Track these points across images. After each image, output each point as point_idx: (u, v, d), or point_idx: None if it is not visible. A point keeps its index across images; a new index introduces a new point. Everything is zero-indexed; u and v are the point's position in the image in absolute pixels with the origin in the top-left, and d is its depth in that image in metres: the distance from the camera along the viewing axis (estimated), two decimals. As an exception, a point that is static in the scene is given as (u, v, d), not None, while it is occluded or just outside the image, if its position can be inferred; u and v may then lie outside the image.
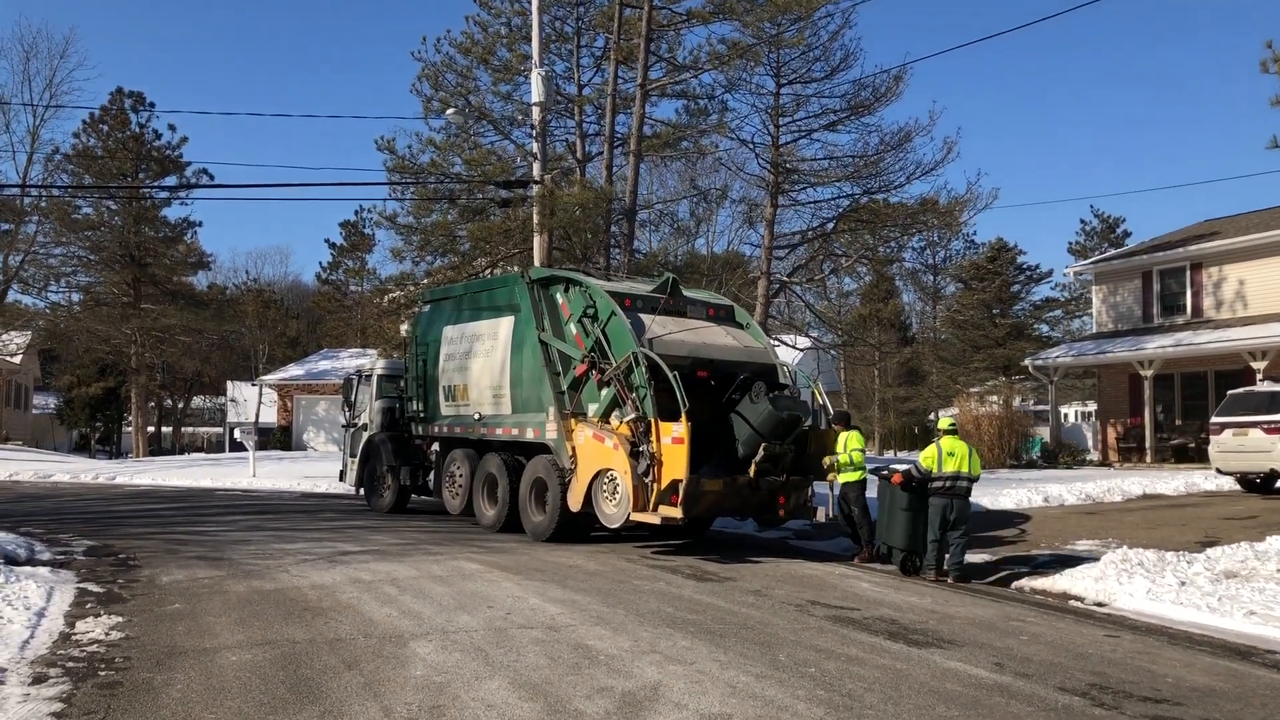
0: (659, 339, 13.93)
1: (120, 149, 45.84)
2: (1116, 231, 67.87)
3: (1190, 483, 20.41)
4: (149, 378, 52.08)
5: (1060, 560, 12.47)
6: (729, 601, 10.07)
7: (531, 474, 14.96)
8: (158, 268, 48.49)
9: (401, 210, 27.70)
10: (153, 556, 12.97)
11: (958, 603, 10.34)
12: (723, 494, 13.46)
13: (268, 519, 18.26)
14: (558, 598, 10.08)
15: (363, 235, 72.93)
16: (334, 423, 47.81)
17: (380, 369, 20.50)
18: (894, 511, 12.25)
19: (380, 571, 11.65)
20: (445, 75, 28.11)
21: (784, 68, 27.03)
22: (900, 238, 29.60)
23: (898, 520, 12.20)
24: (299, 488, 27.43)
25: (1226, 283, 28.47)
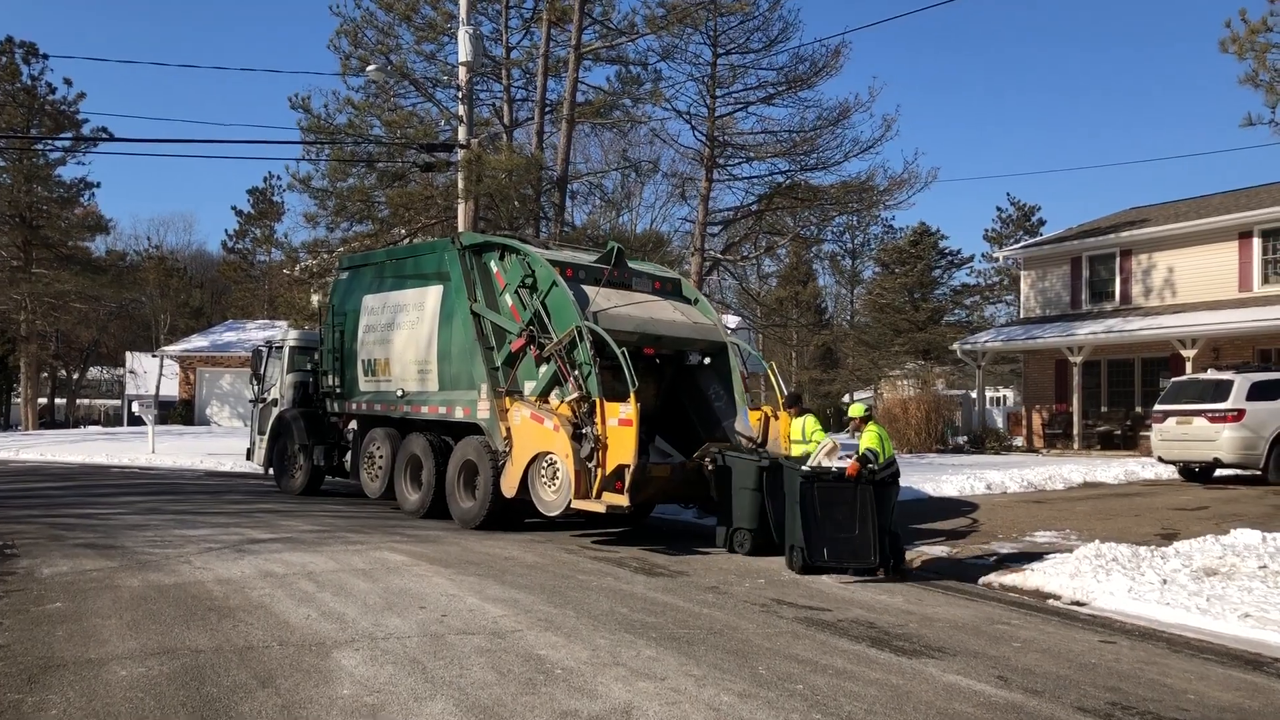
0: (604, 312, 12.93)
1: (10, 102, 42.94)
2: (1032, 220, 68.65)
3: (1129, 471, 20.16)
4: (40, 346, 49.20)
5: (1026, 554, 11.83)
6: (687, 600, 9.15)
7: (460, 456, 13.86)
8: (51, 230, 45.69)
9: (316, 173, 26.12)
10: (34, 544, 11.60)
11: (932, 602, 9.57)
12: (670, 480, 12.58)
13: (167, 500, 16.83)
14: (497, 596, 9.06)
15: (271, 203, 70.55)
16: (240, 397, 45.82)
17: (292, 340, 19.11)
18: (793, 504, 10.92)
19: (294, 563, 10.49)
20: (365, 31, 26.51)
21: (722, 37, 26.12)
22: (837, 217, 29.01)
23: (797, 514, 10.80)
24: (202, 465, 25.83)
25: (1156, 270, 28.46)
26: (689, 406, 14.16)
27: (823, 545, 10.65)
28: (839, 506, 10.78)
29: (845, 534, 10.68)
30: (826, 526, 10.69)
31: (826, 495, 10.78)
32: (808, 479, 10.83)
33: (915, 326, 49.22)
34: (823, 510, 10.73)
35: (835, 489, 10.83)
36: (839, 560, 10.65)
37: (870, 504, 10.76)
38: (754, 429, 12.99)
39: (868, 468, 10.87)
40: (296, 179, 25.72)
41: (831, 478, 10.91)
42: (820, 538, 10.67)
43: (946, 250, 52.66)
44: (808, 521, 10.68)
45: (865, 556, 10.68)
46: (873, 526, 10.72)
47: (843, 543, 10.67)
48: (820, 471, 11.03)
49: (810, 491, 10.77)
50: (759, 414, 13.07)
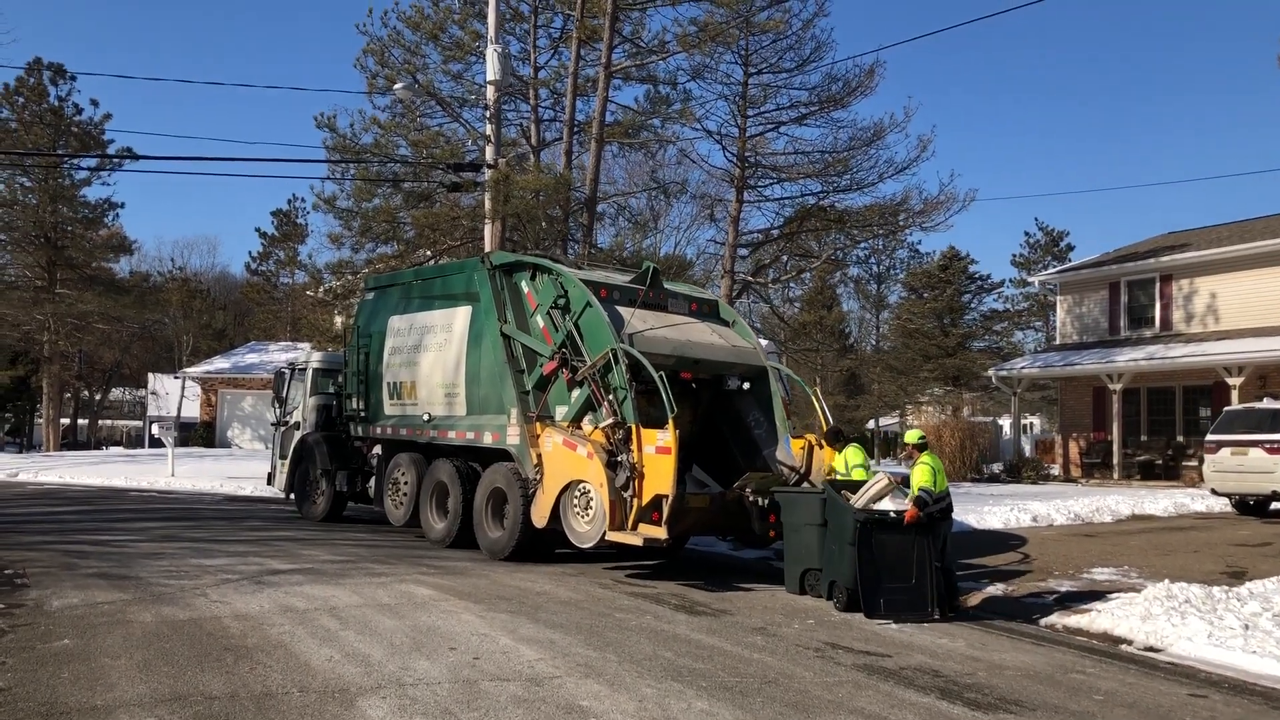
0: (639, 335, 12.37)
1: (37, 122, 42.92)
2: (1060, 245, 67.77)
3: (1178, 503, 19.39)
4: (63, 367, 49.07)
5: (1087, 593, 11.14)
6: (734, 643, 8.54)
7: (489, 484, 13.29)
8: (75, 250, 45.59)
9: (342, 193, 25.77)
10: (46, 573, 11.09)
11: (996, 646, 8.93)
12: (709, 511, 11.95)
13: (185, 527, 16.32)
14: (532, 636, 8.47)
15: (295, 225, 70.46)
16: (261, 419, 45.43)
17: (316, 362, 18.61)
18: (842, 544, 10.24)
19: (316, 597, 9.94)
20: (391, 51, 26.24)
21: (753, 56, 25.69)
22: (873, 239, 28.44)
23: (846, 554, 10.16)
24: (222, 489, 25.35)
25: (1198, 295, 27.70)
26: (727, 434, 13.56)
27: (879, 598, 9.94)
28: (897, 554, 10.10)
29: (902, 583, 10.01)
30: (884, 577, 10.00)
31: (883, 543, 10.08)
32: (865, 524, 10.07)
33: (944, 352, 48.40)
34: (879, 559, 10.04)
35: (893, 537, 10.10)
36: (896, 613, 9.93)
37: (929, 552, 10.08)
38: (797, 458, 12.37)
39: (925, 511, 10.18)
40: (321, 199, 25.40)
41: (890, 523, 10.17)
42: (877, 589, 9.96)
43: (976, 275, 51.93)
44: (864, 572, 9.97)
45: (922, 608, 9.99)
46: (930, 575, 10.05)
47: (900, 594, 9.99)
48: (879, 516, 10.24)
49: (868, 538, 10.05)
50: (802, 442, 12.46)
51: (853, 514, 10.22)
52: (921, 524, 10.12)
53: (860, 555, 9.98)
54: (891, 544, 10.10)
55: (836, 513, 10.49)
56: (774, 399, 13.15)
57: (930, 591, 10.05)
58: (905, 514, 10.15)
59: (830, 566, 10.48)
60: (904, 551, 10.10)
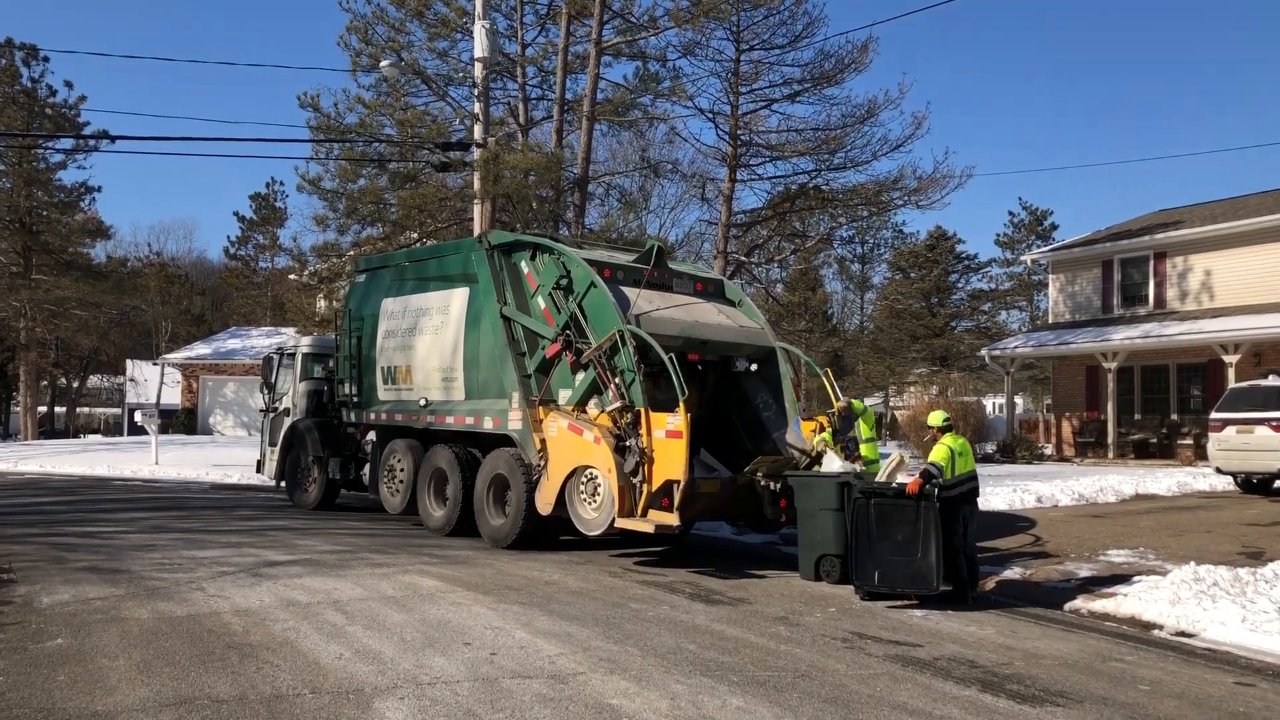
0: (646, 315, 12.01)
1: (9, 105, 42.01)
2: (1044, 224, 67.66)
3: (1181, 482, 19.20)
4: (40, 354, 48.22)
5: (1109, 577, 10.88)
6: (758, 634, 8.22)
7: (490, 470, 12.92)
8: (51, 235, 44.72)
9: (326, 174, 25.21)
10: (33, 568, 10.67)
11: (1026, 634, 8.65)
12: (719, 496, 11.62)
13: (175, 517, 15.88)
14: (548, 629, 8.13)
15: (274, 209, 69.70)
16: (243, 405, 44.86)
17: (306, 347, 18.14)
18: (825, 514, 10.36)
19: (318, 590, 9.57)
20: (375, 28, 25.66)
21: (745, 32, 25.25)
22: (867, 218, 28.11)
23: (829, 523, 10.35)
24: (208, 477, 24.87)
25: (1192, 273, 27.54)
26: (734, 416, 13.24)
27: (874, 568, 9.75)
28: (899, 527, 9.80)
29: (904, 557, 9.72)
30: (882, 548, 9.77)
31: (884, 514, 9.83)
32: (864, 495, 9.92)
33: (932, 332, 48.22)
34: (879, 531, 9.80)
35: (894, 507, 9.83)
36: (892, 585, 9.73)
37: (934, 525, 9.72)
38: (808, 441, 12.05)
39: (931, 484, 9.86)
40: (306, 180, 24.83)
41: (891, 494, 9.93)
42: (871, 560, 9.78)
43: (963, 254, 51.71)
44: (859, 542, 9.81)
45: (926, 582, 9.64)
46: (936, 549, 9.69)
47: (899, 566, 9.72)
48: (878, 488, 10.10)
49: (865, 509, 9.85)
50: (813, 424, 12.13)
51: (855, 489, 10.08)
52: (926, 497, 9.76)
53: (856, 523, 9.81)
54: (894, 515, 9.81)
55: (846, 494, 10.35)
56: (783, 380, 12.82)
57: (936, 567, 9.66)
58: (908, 485, 9.85)
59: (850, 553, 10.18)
60: (908, 524, 9.77)
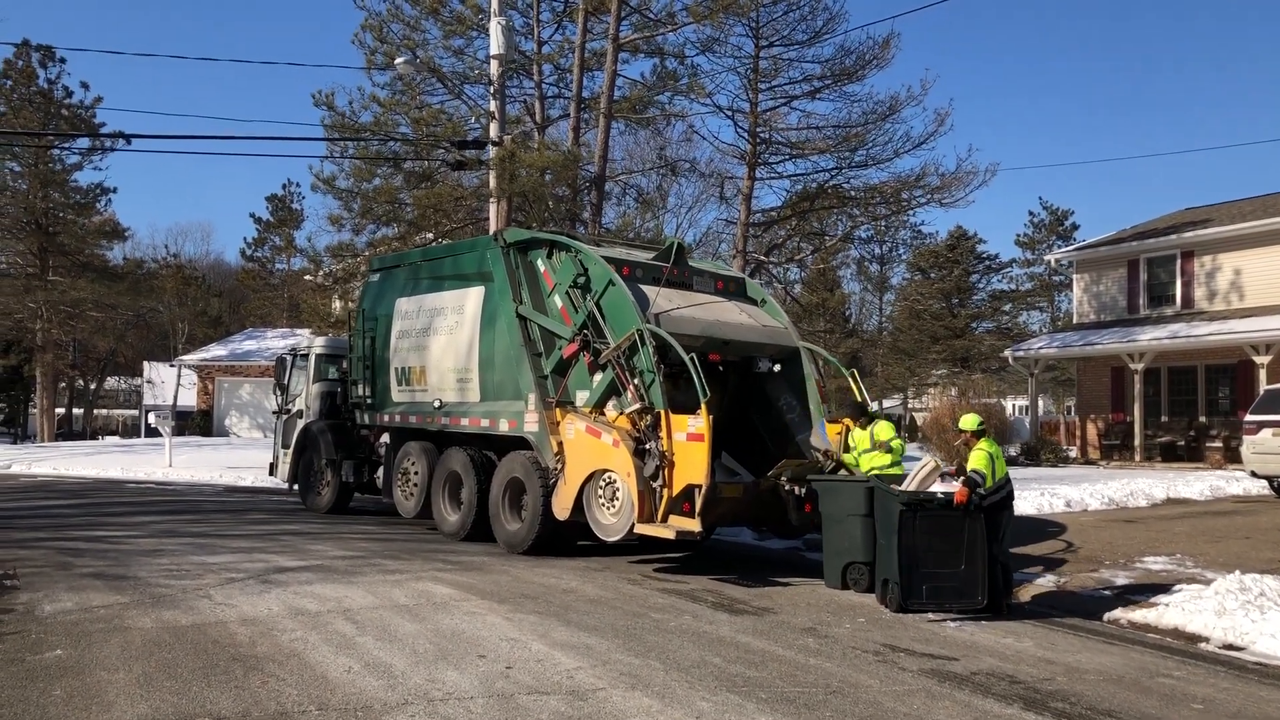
0: (666, 314, 11.66)
1: (26, 106, 42.00)
2: (1065, 224, 66.99)
3: (1214, 486, 18.72)
4: (57, 356, 48.22)
5: (1147, 586, 10.48)
6: (785, 646, 7.86)
7: (506, 473, 12.59)
8: (67, 237, 44.68)
9: (341, 174, 24.95)
10: (38, 574, 10.39)
11: (1065, 646, 8.26)
12: (741, 501, 11.26)
13: (185, 521, 15.62)
14: (566, 641, 7.79)
15: (290, 210, 69.69)
16: (259, 407, 44.71)
17: (319, 348, 17.87)
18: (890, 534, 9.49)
19: (328, 598, 9.25)
20: (390, 26, 25.38)
21: (764, 28, 24.87)
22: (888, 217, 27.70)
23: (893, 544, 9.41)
24: (221, 480, 24.64)
25: (1221, 272, 26.99)
26: (756, 419, 12.87)
27: (921, 584, 9.30)
28: (943, 539, 9.38)
29: (949, 570, 9.33)
30: (928, 562, 9.33)
31: (929, 526, 9.38)
32: (909, 506, 9.40)
33: (952, 333, 47.67)
34: (924, 544, 9.34)
35: (940, 519, 9.40)
36: (939, 600, 9.33)
37: (981, 536, 9.39)
38: (833, 443, 11.68)
39: (976, 493, 9.46)
40: (320, 179, 24.57)
41: (936, 506, 9.48)
42: (919, 576, 9.31)
43: (984, 255, 51.11)
44: (905, 556, 9.30)
45: (971, 596, 9.32)
46: (982, 561, 9.36)
47: (945, 579, 9.32)
48: (923, 498, 9.58)
49: (910, 522, 9.37)
50: (838, 426, 11.76)
51: (895, 498, 9.54)
52: (973, 508, 9.40)
53: (900, 540, 9.30)
54: (939, 527, 9.40)
55: (881, 501, 9.81)
56: (807, 381, 12.44)
57: (981, 579, 9.34)
58: (955, 495, 9.43)
59: (880, 562, 9.75)
60: (953, 536, 9.38)
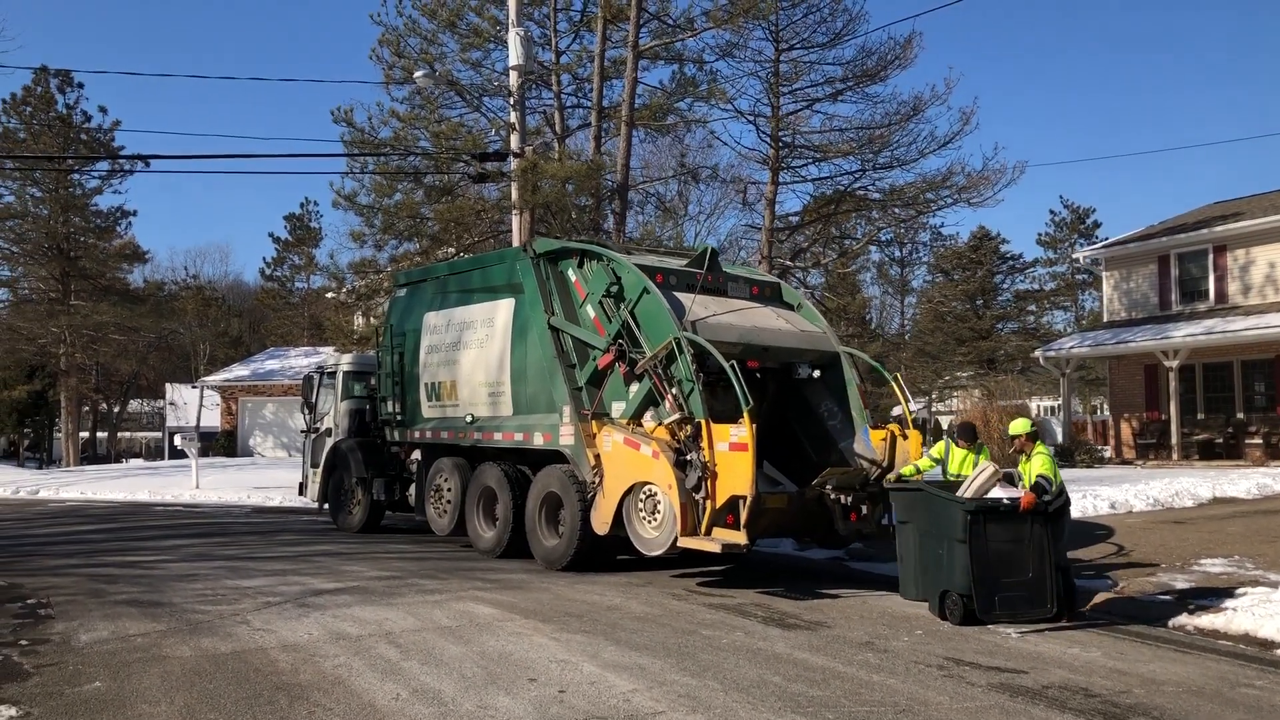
0: (703, 322, 11.40)
1: (45, 131, 42.17)
2: (1086, 222, 66.35)
3: (1260, 484, 18.29)
4: (80, 380, 48.34)
5: (1210, 590, 10.12)
6: (845, 663, 7.57)
7: (542, 488, 12.34)
8: (89, 261, 44.80)
9: (362, 189, 24.83)
10: (72, 601, 10.19)
11: (1136, 655, 7.93)
12: (786, 512, 10.97)
13: (217, 544, 15.43)
14: (618, 662, 7.51)
15: (309, 229, 69.78)
16: (283, 427, 44.66)
17: (346, 365, 17.67)
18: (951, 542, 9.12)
19: (369, 621, 9.01)
20: (408, 40, 25.31)
21: (784, 31, 24.61)
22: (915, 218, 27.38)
23: (958, 555, 9.06)
24: (249, 500, 24.49)
25: (1255, 266, 26.54)
26: (797, 426, 12.58)
27: (994, 594, 8.96)
28: (1012, 547, 9.08)
29: (1019, 578, 9.01)
30: (998, 571, 9.00)
31: (998, 534, 9.06)
32: (976, 514, 9.04)
33: (978, 335, 47.21)
34: (993, 552, 9.02)
35: (1009, 526, 9.10)
36: (1013, 610, 8.99)
37: (1047, 541, 9.11)
38: (878, 451, 11.38)
39: (1043, 499, 9.18)
40: (341, 195, 24.44)
41: (1004, 511, 9.14)
42: (992, 586, 8.96)
43: (1008, 255, 50.64)
44: (978, 566, 8.93)
45: (1042, 604, 9.03)
46: (1049, 567, 9.08)
47: (1016, 589, 9.00)
48: (991, 505, 9.20)
49: (980, 530, 9.02)
50: (883, 433, 11.45)
51: (961, 505, 9.17)
52: (1039, 513, 9.13)
53: (972, 550, 8.95)
54: (1005, 536, 9.10)
55: (939, 510, 9.45)
56: (849, 387, 12.14)
57: (1050, 586, 9.08)
58: (1020, 500, 9.13)
59: (938, 573, 9.33)
60: (1019, 544, 9.10)
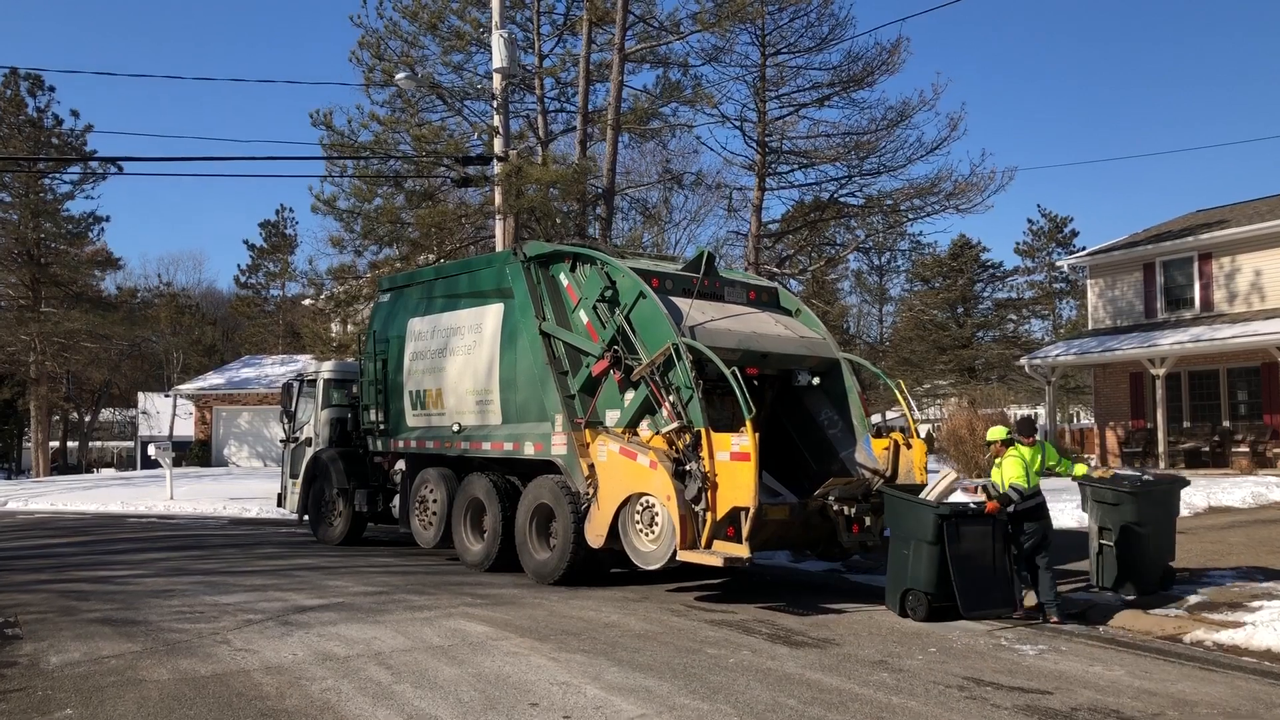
0: (701, 327, 11.04)
1: (15, 135, 41.36)
2: (1064, 231, 66.52)
3: (1255, 493, 18.08)
4: (51, 388, 47.42)
5: (1222, 603, 9.86)
6: (860, 683, 7.22)
7: (532, 499, 11.94)
8: (60, 267, 43.95)
9: (341, 194, 24.37)
10: (41, 620, 9.69)
11: (1161, 674, 7.62)
12: (787, 523, 10.61)
13: (193, 557, 14.91)
14: (622, 684, 7.13)
15: (284, 236, 69.06)
16: (259, 436, 43.98)
17: (327, 373, 17.18)
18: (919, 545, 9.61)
19: (356, 640, 8.58)
20: (388, 43, 24.95)
21: (770, 36, 24.39)
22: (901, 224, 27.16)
23: (924, 555, 9.56)
24: (225, 511, 23.92)
25: (1240, 273, 26.45)
26: (796, 435, 12.25)
27: (973, 594, 9.48)
28: (981, 546, 9.71)
29: (993, 577, 9.73)
30: (975, 573, 9.55)
31: (969, 535, 9.61)
32: (949, 518, 9.48)
33: (958, 343, 47.12)
34: (966, 552, 9.56)
35: (976, 528, 9.67)
36: (985, 608, 9.55)
37: (1013, 542, 9.82)
38: (880, 460, 11.06)
39: (1007, 508, 9.67)
40: (321, 200, 23.99)
41: (971, 514, 9.68)
42: (971, 586, 9.48)
43: (988, 263, 50.62)
44: (957, 566, 9.41)
45: (1011, 601, 9.74)
46: (1011, 565, 9.84)
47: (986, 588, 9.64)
48: (960, 509, 9.76)
49: (955, 532, 9.47)
50: (886, 442, 11.13)
51: (935, 510, 9.57)
52: (1002, 517, 9.73)
53: (951, 551, 9.41)
54: (974, 536, 9.67)
55: (906, 512, 9.83)
56: (849, 394, 11.83)
57: (1014, 586, 9.82)
58: (986, 506, 9.70)
59: (901, 573, 9.77)
60: (984, 545, 9.70)
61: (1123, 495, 10.19)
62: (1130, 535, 10.11)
